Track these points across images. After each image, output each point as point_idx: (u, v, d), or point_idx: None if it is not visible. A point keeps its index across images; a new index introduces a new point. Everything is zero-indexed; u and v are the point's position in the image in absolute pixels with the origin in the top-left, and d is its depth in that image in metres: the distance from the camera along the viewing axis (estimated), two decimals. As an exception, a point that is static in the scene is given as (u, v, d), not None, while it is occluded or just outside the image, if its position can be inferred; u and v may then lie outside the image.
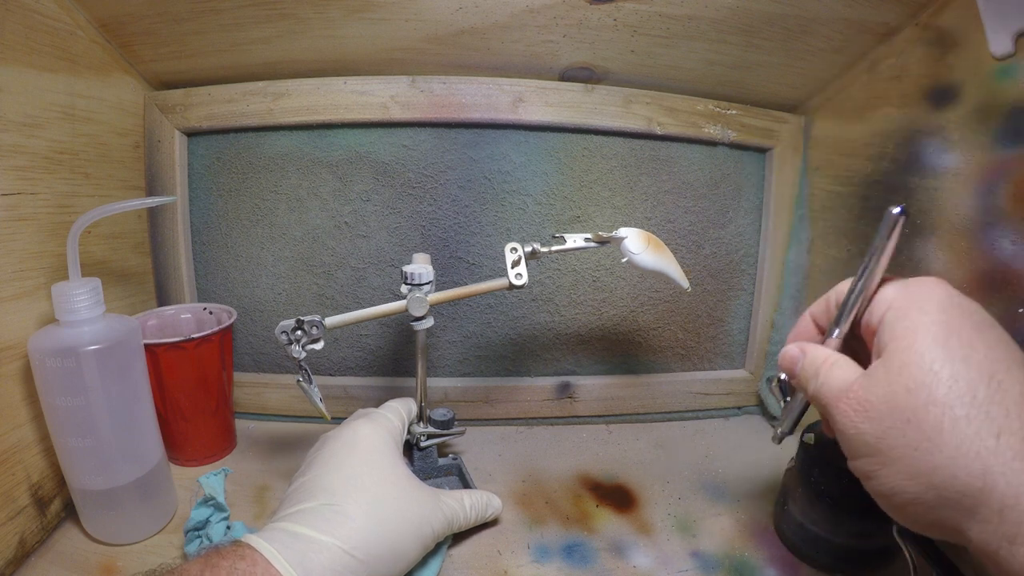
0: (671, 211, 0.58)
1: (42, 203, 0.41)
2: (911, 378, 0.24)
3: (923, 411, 0.24)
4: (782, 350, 0.33)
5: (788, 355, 0.32)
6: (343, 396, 0.58)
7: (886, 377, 0.25)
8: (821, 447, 0.40)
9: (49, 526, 0.41)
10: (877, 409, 0.25)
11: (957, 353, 0.24)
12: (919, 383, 0.24)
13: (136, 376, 0.41)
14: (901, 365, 0.25)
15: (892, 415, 0.24)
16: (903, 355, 0.25)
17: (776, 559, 0.42)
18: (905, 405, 0.24)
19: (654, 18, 0.47)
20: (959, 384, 0.23)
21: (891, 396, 0.25)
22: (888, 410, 0.25)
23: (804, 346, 0.32)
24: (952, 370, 0.24)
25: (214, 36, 0.48)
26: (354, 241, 0.56)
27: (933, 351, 0.24)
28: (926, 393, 0.24)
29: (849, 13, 0.45)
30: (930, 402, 0.23)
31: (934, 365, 0.24)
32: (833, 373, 0.29)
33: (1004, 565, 0.22)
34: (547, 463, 0.54)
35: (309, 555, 0.30)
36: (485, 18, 0.47)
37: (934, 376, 0.24)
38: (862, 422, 0.26)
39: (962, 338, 0.24)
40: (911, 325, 0.25)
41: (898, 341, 0.25)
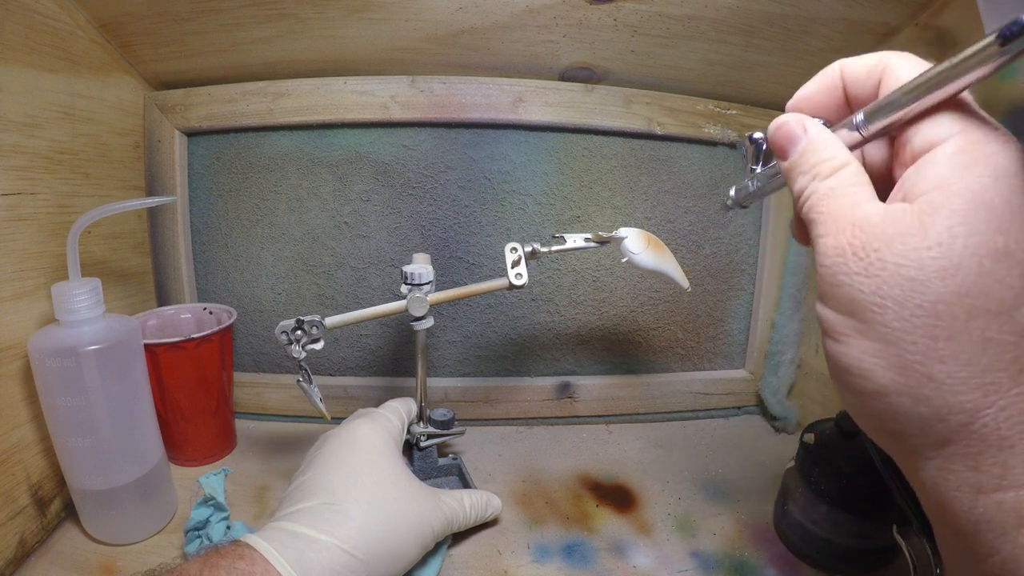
0: (671, 211, 0.58)
1: (42, 203, 0.41)
2: (951, 258, 0.18)
3: (947, 307, 0.18)
4: (780, 118, 0.25)
5: (785, 130, 0.24)
6: (343, 396, 0.58)
7: (917, 235, 0.19)
8: (821, 447, 0.40)
9: (49, 526, 0.41)
10: (888, 270, 0.19)
11: (1018, 255, 0.18)
12: (958, 271, 0.18)
13: (136, 376, 0.41)
14: (944, 231, 0.18)
15: (905, 287, 0.19)
16: (950, 220, 0.18)
17: (776, 559, 0.42)
18: (929, 286, 0.18)
19: (654, 18, 0.47)
20: (1005, 297, 0.18)
21: (915, 263, 0.18)
22: (902, 280, 0.19)
23: (808, 124, 0.24)
24: (1003, 274, 0.18)
25: (214, 36, 0.48)
26: (354, 241, 0.56)
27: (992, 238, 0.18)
28: (963, 287, 0.18)
29: (849, 13, 0.45)
30: (961, 302, 0.18)
31: (985, 260, 0.18)
32: (840, 188, 0.22)
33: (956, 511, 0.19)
34: (547, 463, 0.54)
35: (308, 554, 0.30)
36: (485, 18, 0.47)
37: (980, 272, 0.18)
38: (860, 274, 0.20)
39: None
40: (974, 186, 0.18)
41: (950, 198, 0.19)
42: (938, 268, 0.18)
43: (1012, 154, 0.19)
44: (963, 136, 0.19)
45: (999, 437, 0.18)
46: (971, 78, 0.18)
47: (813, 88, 0.25)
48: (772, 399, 0.60)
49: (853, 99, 0.24)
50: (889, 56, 0.22)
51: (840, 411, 0.42)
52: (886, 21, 0.46)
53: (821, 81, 0.25)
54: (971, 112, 0.20)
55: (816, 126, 0.24)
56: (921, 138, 0.20)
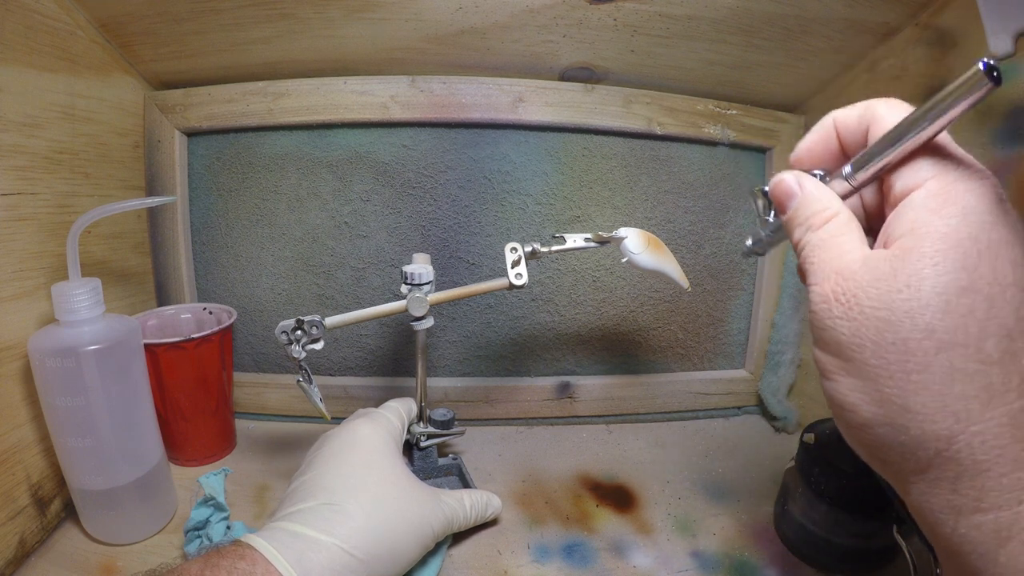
0: (671, 211, 0.58)
1: (42, 203, 0.41)
2: (919, 298, 0.19)
3: (917, 343, 0.20)
4: (778, 176, 0.27)
5: (783, 187, 0.26)
6: (343, 396, 0.58)
7: (889, 280, 0.20)
8: (821, 447, 0.40)
9: (49, 526, 0.41)
10: (865, 313, 0.21)
11: (983, 289, 0.19)
12: (925, 309, 0.19)
13: (136, 376, 0.41)
14: (912, 275, 0.20)
15: (879, 329, 0.20)
16: (919, 263, 0.20)
17: (776, 559, 0.42)
18: (899, 326, 0.20)
19: (654, 18, 0.47)
20: (970, 330, 0.19)
21: (886, 306, 0.20)
22: (876, 321, 0.20)
23: (803, 180, 0.25)
24: (969, 309, 0.19)
25: (214, 36, 0.48)
26: (354, 241, 0.56)
27: (956, 276, 0.19)
28: (931, 324, 0.19)
29: (849, 13, 0.45)
30: (930, 337, 0.19)
31: (951, 297, 0.19)
32: (829, 238, 0.23)
33: (942, 534, 0.20)
34: (547, 463, 0.54)
35: (308, 554, 0.30)
36: (485, 18, 0.47)
37: (946, 309, 0.19)
38: (841, 318, 0.21)
39: (996, 272, 0.19)
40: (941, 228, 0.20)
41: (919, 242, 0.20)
42: (907, 309, 0.20)
43: (983, 191, 0.20)
44: (937, 179, 0.21)
45: (974, 461, 0.19)
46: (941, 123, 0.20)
47: (810, 141, 0.27)
48: (772, 399, 0.60)
49: (847, 147, 0.26)
50: (875, 105, 0.24)
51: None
52: (886, 21, 0.46)
53: (817, 134, 0.27)
54: (947, 154, 0.21)
55: (810, 181, 0.25)
56: (901, 184, 0.22)
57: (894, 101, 0.24)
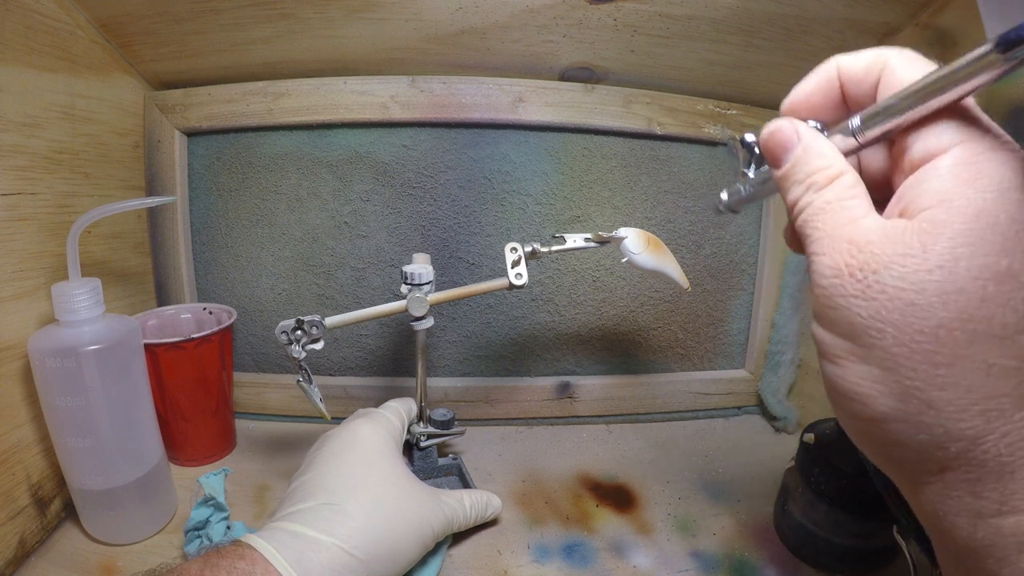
0: (671, 211, 0.58)
1: (42, 203, 0.41)
2: (954, 281, 0.17)
3: (948, 332, 0.17)
4: (772, 123, 0.23)
5: (778, 137, 0.23)
6: (343, 396, 0.58)
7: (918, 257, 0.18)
8: (821, 447, 0.40)
9: (49, 526, 0.41)
10: (887, 293, 0.18)
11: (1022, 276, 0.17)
12: (960, 295, 0.17)
13: (136, 376, 0.41)
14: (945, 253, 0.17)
15: (905, 312, 0.18)
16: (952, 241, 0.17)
17: (776, 559, 0.42)
18: (930, 311, 0.17)
19: (654, 18, 0.47)
20: (1008, 321, 0.17)
21: (915, 287, 0.18)
22: (902, 304, 0.18)
23: (803, 131, 0.22)
24: (1007, 298, 0.17)
25: (214, 36, 0.48)
26: (354, 241, 0.56)
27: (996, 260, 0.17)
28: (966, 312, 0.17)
29: (849, 13, 0.45)
30: (963, 327, 0.17)
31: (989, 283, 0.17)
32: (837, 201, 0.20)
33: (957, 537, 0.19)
34: (547, 463, 0.54)
35: (308, 554, 0.30)
36: (485, 18, 0.47)
37: (983, 296, 0.17)
38: (857, 296, 0.19)
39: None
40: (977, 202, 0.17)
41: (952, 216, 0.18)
42: (939, 292, 0.17)
43: (1018, 166, 0.18)
44: (965, 147, 0.18)
45: (1000, 463, 0.18)
46: (973, 84, 0.17)
47: (808, 87, 0.24)
48: (772, 399, 0.60)
49: (851, 98, 0.23)
50: (888, 53, 0.21)
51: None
52: (886, 21, 0.46)
53: (816, 80, 0.24)
54: (974, 120, 0.19)
55: (811, 132, 0.22)
56: (921, 147, 0.19)
57: (909, 52, 0.21)
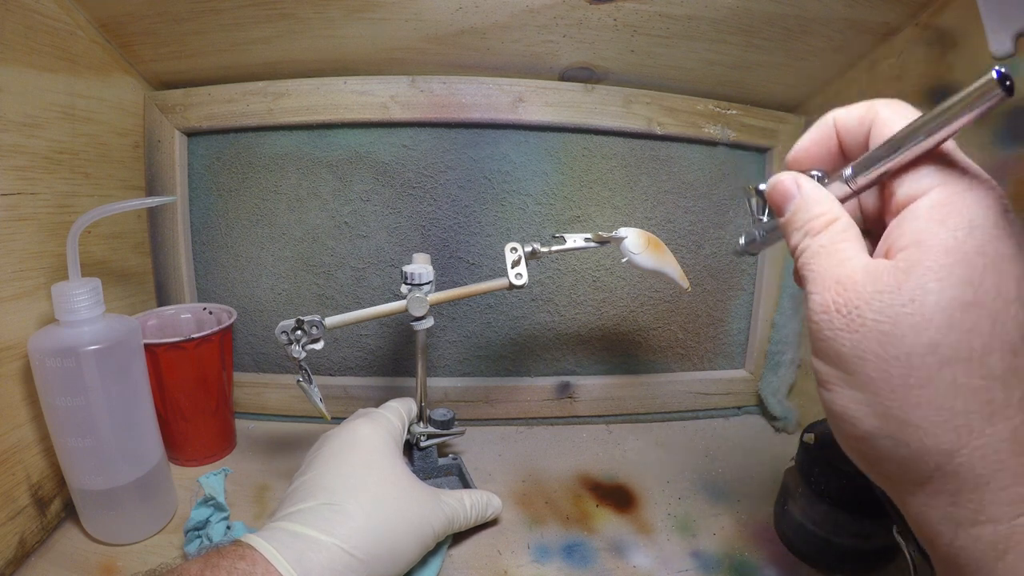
0: (671, 211, 0.58)
1: (42, 203, 0.41)
2: (923, 313, 0.19)
3: (920, 358, 0.19)
4: (775, 177, 0.26)
5: (780, 188, 0.25)
6: (343, 396, 0.58)
7: (893, 293, 0.20)
8: (821, 447, 0.40)
9: (49, 526, 0.41)
10: (867, 326, 0.20)
11: (988, 304, 0.19)
12: (929, 324, 0.19)
13: (136, 376, 0.41)
14: (917, 289, 0.20)
15: (882, 342, 0.20)
16: (923, 277, 0.20)
17: (776, 559, 0.42)
18: (903, 340, 0.20)
19: (654, 18, 0.47)
20: (974, 345, 0.19)
21: (890, 319, 0.20)
22: (879, 335, 0.20)
23: (802, 182, 0.25)
24: (973, 324, 0.19)
25: (214, 36, 0.48)
26: (354, 241, 0.56)
27: (962, 291, 0.19)
28: (935, 340, 0.19)
29: (849, 13, 0.45)
30: (934, 352, 0.19)
31: (955, 312, 0.19)
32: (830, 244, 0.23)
33: (940, 545, 0.20)
34: (547, 463, 0.54)
35: (308, 554, 0.30)
36: (485, 18, 0.47)
37: (950, 324, 0.19)
38: (843, 330, 0.21)
39: (1001, 287, 0.19)
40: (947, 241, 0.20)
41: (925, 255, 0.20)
42: (911, 323, 0.20)
43: (989, 203, 0.20)
44: (941, 189, 0.21)
45: (974, 475, 0.19)
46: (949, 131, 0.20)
47: (809, 140, 0.26)
48: (772, 399, 0.60)
49: (847, 148, 0.25)
50: (877, 105, 0.24)
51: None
52: (886, 21, 0.46)
53: (816, 133, 0.26)
54: (952, 163, 0.21)
55: (809, 183, 0.25)
56: (904, 190, 0.22)
57: (897, 103, 0.23)
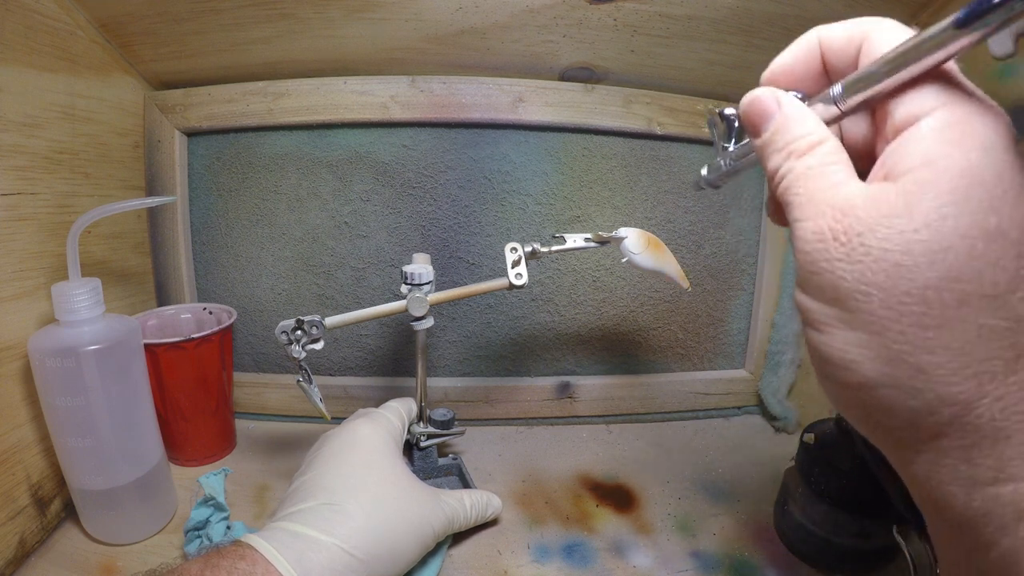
0: (671, 211, 0.58)
1: (42, 203, 0.41)
2: (940, 240, 0.17)
3: (936, 293, 0.17)
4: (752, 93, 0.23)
5: (758, 105, 0.23)
6: (343, 396, 0.58)
7: (903, 217, 0.17)
8: (821, 447, 0.40)
9: (49, 526, 0.41)
10: (872, 255, 0.18)
11: (1010, 235, 0.17)
12: (948, 253, 0.17)
13: (136, 376, 0.41)
14: (931, 212, 0.17)
15: (891, 275, 0.17)
16: (938, 200, 0.17)
17: (776, 559, 0.42)
18: (916, 271, 0.17)
19: (654, 18, 0.47)
20: (998, 280, 0.16)
21: (901, 248, 0.17)
22: (888, 266, 0.17)
23: (782, 99, 0.22)
24: (997, 256, 0.16)
25: (214, 36, 0.48)
26: (354, 241, 0.56)
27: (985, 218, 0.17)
28: (954, 271, 0.17)
29: (849, 13, 0.44)
30: (952, 286, 0.17)
31: (978, 241, 0.16)
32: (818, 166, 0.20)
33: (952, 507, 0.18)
34: (547, 463, 0.54)
35: (309, 554, 0.30)
36: (485, 18, 0.47)
37: (971, 255, 0.17)
38: (842, 260, 0.18)
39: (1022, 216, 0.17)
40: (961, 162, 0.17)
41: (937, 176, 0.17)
42: (926, 252, 0.17)
43: (1001, 127, 0.18)
44: (949, 109, 0.18)
45: (994, 428, 0.17)
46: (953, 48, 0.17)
47: (789, 58, 0.23)
48: (772, 399, 0.60)
49: (832, 69, 0.23)
50: (869, 23, 0.21)
51: (840, 411, 0.42)
52: (886, 21, 0.46)
53: (797, 50, 0.23)
54: (957, 83, 0.18)
55: (791, 100, 0.22)
56: (904, 111, 0.19)
57: (890, 21, 0.21)
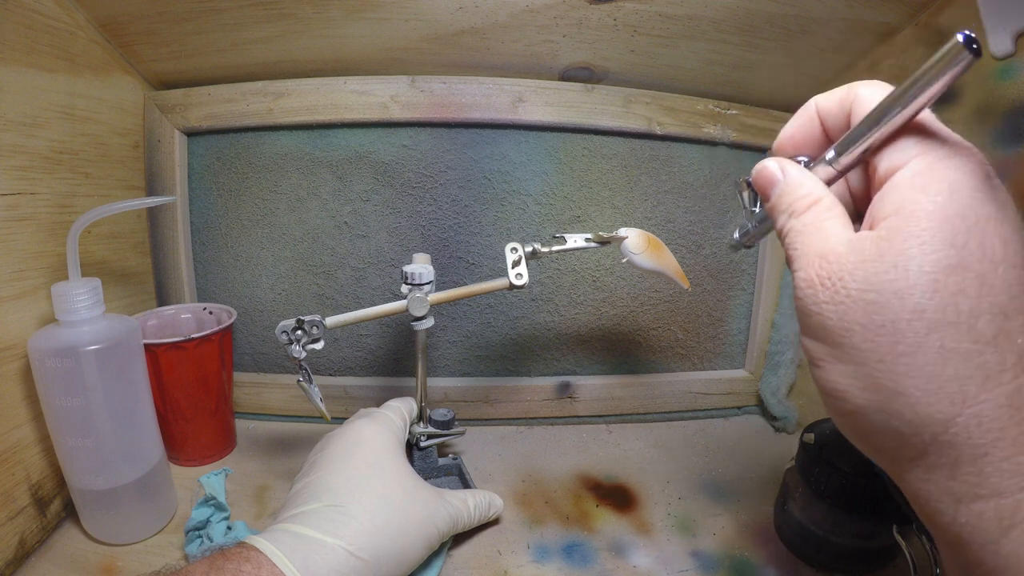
0: (671, 211, 0.58)
1: (42, 203, 0.41)
2: (907, 278, 0.19)
3: (907, 324, 0.19)
4: (760, 163, 0.26)
5: (765, 174, 0.25)
6: (343, 396, 0.58)
7: (876, 261, 0.20)
8: (821, 447, 0.40)
9: (49, 526, 0.41)
10: (851, 296, 0.20)
11: (973, 266, 0.19)
12: (913, 288, 0.19)
13: (136, 376, 0.41)
14: (899, 255, 0.19)
15: (867, 311, 0.20)
16: (905, 243, 0.19)
17: (776, 559, 0.42)
18: (888, 307, 0.19)
19: (654, 18, 0.47)
20: (961, 308, 0.18)
21: (873, 287, 0.20)
22: (864, 304, 0.20)
23: (786, 167, 0.25)
24: (959, 287, 0.19)
25: (214, 36, 0.48)
26: (354, 241, 0.56)
27: (945, 254, 0.19)
28: (920, 304, 0.19)
29: (849, 13, 0.45)
30: (920, 317, 0.19)
31: (939, 275, 0.19)
32: (812, 223, 0.23)
33: (942, 523, 0.20)
34: (547, 463, 0.54)
35: (314, 557, 0.30)
36: (485, 18, 0.47)
37: (935, 288, 0.19)
38: (827, 303, 0.21)
39: (986, 249, 0.19)
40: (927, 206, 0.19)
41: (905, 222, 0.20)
42: (895, 290, 0.19)
43: (970, 168, 0.20)
44: (921, 158, 0.20)
45: (972, 445, 0.18)
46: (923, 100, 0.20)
47: (793, 127, 0.26)
48: (772, 399, 0.60)
49: (830, 132, 0.25)
50: (857, 87, 0.24)
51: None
52: (886, 21, 0.46)
53: (799, 120, 0.26)
54: (931, 133, 0.21)
55: (793, 167, 0.25)
56: (885, 164, 0.21)
57: (876, 83, 0.23)
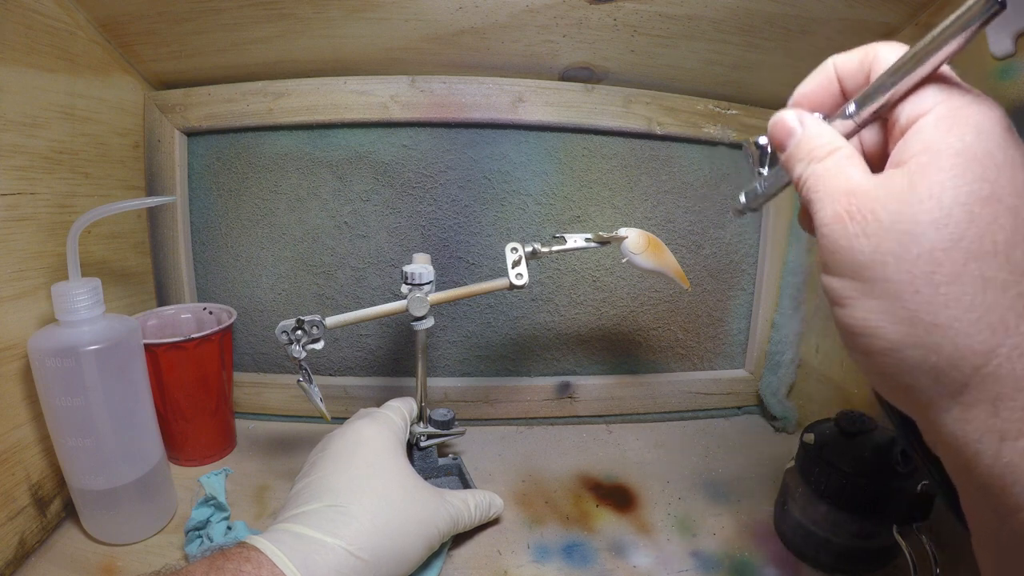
0: (671, 211, 0.58)
1: (42, 203, 0.41)
2: (942, 208, 0.19)
3: (944, 254, 0.19)
4: (777, 115, 0.26)
5: (782, 125, 0.25)
6: (343, 396, 0.58)
7: (908, 193, 0.19)
8: (821, 447, 0.40)
9: (49, 526, 0.41)
10: (884, 227, 0.20)
11: (1005, 200, 0.19)
12: (949, 219, 0.19)
13: (136, 376, 0.41)
14: (933, 186, 0.19)
15: (902, 241, 0.19)
16: (938, 176, 0.19)
17: (776, 559, 0.42)
18: (924, 237, 0.19)
19: (654, 18, 0.47)
20: (998, 239, 0.18)
21: (908, 218, 0.19)
22: (899, 233, 0.19)
23: (804, 117, 0.25)
24: (993, 218, 0.18)
25: (214, 36, 0.48)
26: (354, 241, 0.56)
27: (979, 186, 0.19)
28: (956, 233, 0.19)
29: (849, 13, 0.45)
30: (957, 246, 0.18)
31: (974, 206, 0.19)
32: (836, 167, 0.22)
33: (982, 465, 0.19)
34: (547, 463, 0.54)
35: (314, 557, 0.30)
36: (485, 18, 0.47)
37: (971, 218, 0.18)
38: (859, 235, 0.20)
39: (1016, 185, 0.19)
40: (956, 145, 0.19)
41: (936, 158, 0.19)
42: (931, 219, 0.19)
43: (993, 114, 0.20)
44: (945, 104, 0.20)
45: (1015, 378, 0.18)
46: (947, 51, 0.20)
47: (810, 86, 0.26)
48: (772, 399, 0.60)
49: (848, 92, 0.25)
50: (877, 46, 0.24)
51: (840, 411, 0.42)
52: (886, 21, 0.46)
53: (817, 79, 0.26)
54: (952, 83, 0.21)
55: (811, 117, 0.25)
56: (907, 113, 0.21)
57: (896, 44, 0.23)
